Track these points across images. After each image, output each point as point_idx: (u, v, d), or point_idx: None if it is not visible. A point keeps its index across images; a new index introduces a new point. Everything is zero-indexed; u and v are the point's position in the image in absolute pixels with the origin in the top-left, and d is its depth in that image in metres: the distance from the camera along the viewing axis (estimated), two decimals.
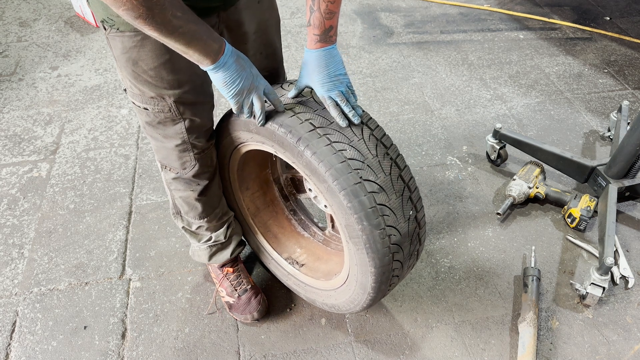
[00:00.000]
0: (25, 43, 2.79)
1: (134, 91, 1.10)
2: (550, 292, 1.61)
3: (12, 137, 2.18)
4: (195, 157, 1.24)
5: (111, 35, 1.00)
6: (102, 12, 0.97)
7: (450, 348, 1.47)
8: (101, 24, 1.01)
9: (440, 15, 3.09)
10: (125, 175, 2.00)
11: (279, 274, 1.56)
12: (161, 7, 0.80)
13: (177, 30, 0.85)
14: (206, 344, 1.47)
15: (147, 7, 0.79)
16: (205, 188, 1.33)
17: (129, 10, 0.79)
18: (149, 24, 0.82)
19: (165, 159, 1.26)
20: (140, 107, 1.12)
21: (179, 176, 1.28)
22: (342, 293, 1.30)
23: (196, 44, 0.90)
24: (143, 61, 1.02)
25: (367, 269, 1.12)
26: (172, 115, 1.13)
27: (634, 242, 1.76)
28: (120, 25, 0.97)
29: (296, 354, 1.45)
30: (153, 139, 1.23)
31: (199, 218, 1.40)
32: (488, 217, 1.85)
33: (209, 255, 1.50)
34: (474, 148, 2.14)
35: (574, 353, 1.46)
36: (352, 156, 1.04)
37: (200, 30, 0.89)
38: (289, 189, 1.59)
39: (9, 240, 1.76)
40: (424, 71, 2.60)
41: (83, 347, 1.46)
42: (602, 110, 2.35)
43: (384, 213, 1.05)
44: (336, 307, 1.37)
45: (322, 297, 1.41)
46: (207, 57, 0.93)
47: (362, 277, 1.16)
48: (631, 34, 2.92)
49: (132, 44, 0.99)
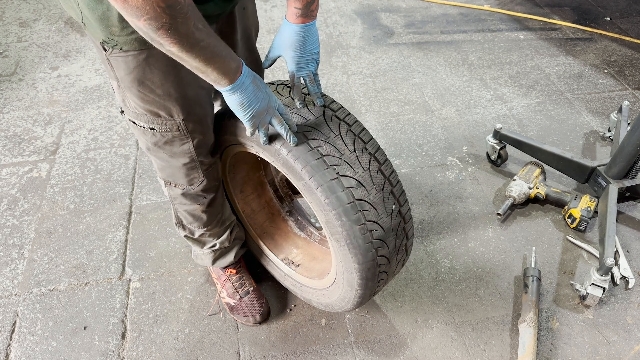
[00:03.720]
0: (25, 43, 2.79)
1: (138, 112, 1.05)
2: (551, 292, 1.61)
3: (12, 137, 2.18)
4: (204, 173, 1.21)
5: (113, 56, 0.94)
6: (101, 33, 0.90)
7: (451, 348, 1.47)
8: (101, 45, 0.94)
9: (440, 15, 3.09)
10: (125, 175, 2.00)
11: (277, 275, 1.57)
12: (184, 15, 0.74)
13: (198, 44, 0.79)
14: (206, 344, 1.47)
15: (171, 16, 0.73)
16: (212, 200, 1.31)
17: (152, 20, 0.72)
18: (171, 35, 0.75)
19: (171, 176, 1.22)
20: (145, 128, 1.08)
21: (186, 192, 1.25)
22: (333, 291, 1.30)
23: (216, 62, 0.84)
24: (150, 80, 0.97)
25: (351, 265, 1.11)
26: (180, 135, 1.09)
27: (635, 243, 1.76)
28: (124, 44, 0.91)
29: (296, 354, 1.45)
30: (158, 159, 1.18)
31: (203, 227, 1.38)
32: (488, 217, 1.85)
33: (212, 260, 1.49)
34: (474, 148, 2.14)
35: (574, 353, 1.46)
36: (328, 152, 1.04)
37: (220, 46, 0.84)
38: (284, 190, 1.59)
39: (9, 240, 1.76)
40: (424, 71, 2.60)
41: (83, 348, 1.46)
42: (603, 110, 2.35)
43: (364, 208, 1.05)
44: (330, 305, 1.37)
45: (317, 296, 1.41)
46: (226, 76, 0.87)
47: (348, 274, 1.15)
48: (631, 34, 2.92)
49: (136, 64, 0.94)
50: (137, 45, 0.91)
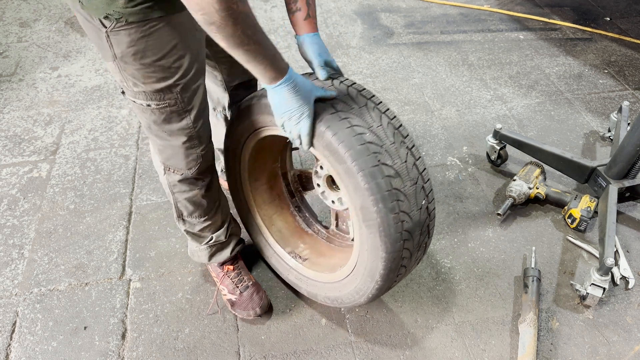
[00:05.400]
0: (25, 43, 2.80)
1: (137, 89, 1.09)
2: (551, 292, 1.61)
3: (12, 137, 2.18)
4: (201, 154, 1.25)
5: (115, 30, 0.98)
6: (105, 7, 0.95)
7: (451, 348, 1.47)
8: (102, 21, 0.98)
9: (440, 15, 3.09)
10: (125, 175, 2.00)
11: (281, 269, 1.56)
12: (234, 20, 0.86)
13: (242, 47, 0.91)
14: (206, 344, 1.47)
15: (223, 17, 0.84)
16: (210, 183, 1.35)
17: (206, 16, 0.84)
18: (220, 32, 0.87)
19: (170, 159, 1.26)
20: (144, 105, 1.12)
21: (184, 177, 1.28)
22: (347, 284, 1.31)
23: (257, 64, 0.96)
24: (151, 50, 1.02)
25: (378, 254, 1.13)
26: (177, 108, 1.13)
27: (634, 243, 1.76)
28: (130, 16, 0.96)
29: (296, 354, 1.45)
30: (158, 139, 1.22)
31: (204, 215, 1.40)
32: (488, 217, 1.85)
33: (209, 255, 1.50)
34: (474, 148, 2.14)
35: (574, 354, 1.46)
36: (371, 140, 1.07)
37: (265, 53, 0.95)
38: (295, 185, 1.61)
39: (9, 240, 1.76)
40: (424, 72, 2.60)
41: (83, 348, 1.46)
42: (603, 110, 2.35)
43: (399, 198, 1.08)
44: (339, 299, 1.37)
45: (324, 290, 1.41)
46: (263, 79, 1.00)
47: (372, 263, 1.17)
48: (631, 34, 2.92)
49: (140, 35, 0.99)
50: (142, 16, 0.96)
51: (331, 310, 1.55)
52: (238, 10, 0.85)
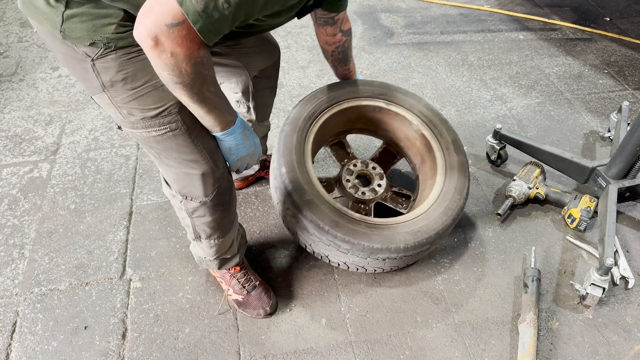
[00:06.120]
0: (26, 44, 2.80)
1: (133, 118, 1.03)
2: (550, 292, 1.62)
3: (12, 137, 2.19)
4: (218, 178, 1.18)
5: (102, 58, 0.94)
6: (90, 34, 0.91)
7: (451, 348, 1.47)
8: (86, 50, 0.93)
9: (440, 15, 3.10)
10: (125, 175, 2.01)
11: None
12: (202, 81, 0.90)
13: (205, 101, 0.95)
14: (206, 344, 1.47)
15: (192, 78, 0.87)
16: (229, 204, 1.29)
17: (175, 77, 0.86)
18: (186, 91, 0.90)
19: (186, 187, 1.18)
20: (144, 135, 1.06)
21: (203, 202, 1.22)
22: (432, 213, 1.45)
23: (214, 114, 1.01)
24: (141, 72, 0.98)
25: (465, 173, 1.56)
26: (181, 132, 1.06)
27: (634, 243, 1.76)
28: (118, 41, 0.93)
29: (296, 354, 1.45)
30: (169, 167, 1.15)
31: (222, 237, 1.35)
32: (488, 217, 1.85)
33: (218, 265, 1.47)
34: (474, 148, 2.15)
35: (574, 353, 1.46)
36: None
37: (221, 103, 1.01)
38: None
39: (10, 240, 1.76)
40: (424, 72, 2.60)
41: (83, 348, 1.46)
42: (602, 110, 2.36)
43: None
44: (422, 231, 1.40)
45: (403, 229, 1.40)
46: (219, 125, 1.05)
47: (460, 183, 1.53)
48: (631, 34, 2.92)
49: (127, 58, 0.96)
50: (131, 40, 0.92)
51: (331, 310, 1.56)
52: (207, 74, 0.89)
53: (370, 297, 1.59)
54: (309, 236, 1.43)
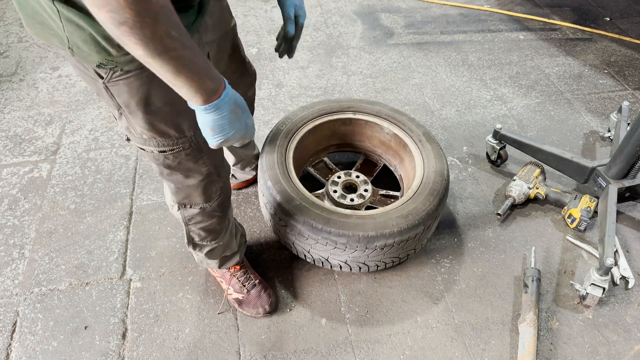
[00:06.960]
0: (26, 44, 2.80)
1: (146, 136, 0.98)
2: (550, 292, 1.62)
3: (12, 137, 2.19)
4: (219, 187, 1.18)
5: (112, 82, 0.86)
6: (96, 55, 0.81)
7: (450, 348, 1.47)
8: (96, 70, 0.85)
9: (440, 16, 3.10)
10: (125, 175, 2.01)
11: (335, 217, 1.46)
12: (153, 17, 0.65)
13: (167, 53, 0.69)
14: (206, 344, 1.47)
15: (136, 12, 0.63)
16: (226, 210, 1.29)
17: (113, 13, 0.63)
18: (135, 34, 0.65)
19: (187, 197, 1.17)
20: (155, 152, 1.01)
21: (202, 209, 1.21)
22: (422, 192, 1.50)
23: (187, 76, 0.74)
24: (156, 96, 0.91)
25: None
26: (192, 151, 1.03)
27: (634, 243, 1.77)
28: (125, 64, 0.83)
29: (296, 354, 1.45)
30: (172, 183, 1.13)
31: (215, 239, 1.35)
32: (488, 217, 1.85)
33: (219, 264, 1.48)
34: (474, 148, 2.15)
35: (574, 353, 1.46)
36: None
37: (197, 61, 0.74)
38: None
39: (10, 240, 1.76)
40: (424, 72, 2.60)
41: (83, 347, 1.46)
42: (602, 110, 2.36)
43: None
44: (413, 213, 1.43)
45: (394, 214, 1.43)
46: (198, 94, 0.77)
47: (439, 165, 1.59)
48: (631, 34, 2.92)
49: (140, 82, 0.87)
50: (139, 63, 0.77)
51: (331, 310, 1.56)
52: (158, 4, 0.65)
53: (370, 297, 1.59)
54: (305, 241, 1.46)
